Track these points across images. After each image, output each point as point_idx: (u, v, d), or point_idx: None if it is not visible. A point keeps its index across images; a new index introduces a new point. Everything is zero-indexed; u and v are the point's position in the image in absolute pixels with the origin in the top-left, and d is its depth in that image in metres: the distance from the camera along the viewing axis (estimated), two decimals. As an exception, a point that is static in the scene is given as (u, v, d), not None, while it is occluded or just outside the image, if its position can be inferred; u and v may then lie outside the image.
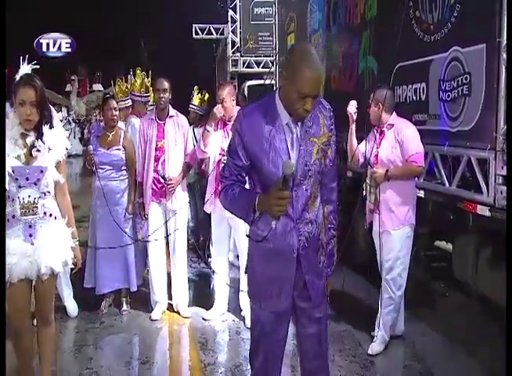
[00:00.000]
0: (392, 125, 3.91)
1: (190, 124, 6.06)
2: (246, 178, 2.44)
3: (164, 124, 4.58)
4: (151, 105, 6.30)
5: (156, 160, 4.55)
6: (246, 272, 2.54)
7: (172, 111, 4.64)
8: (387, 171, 3.86)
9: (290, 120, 2.29)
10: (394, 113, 3.98)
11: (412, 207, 3.93)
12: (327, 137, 2.37)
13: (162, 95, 4.53)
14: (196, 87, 6.58)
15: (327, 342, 2.58)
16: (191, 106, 6.55)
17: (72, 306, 4.67)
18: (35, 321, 3.31)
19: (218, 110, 4.35)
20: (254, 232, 2.39)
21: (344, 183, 5.66)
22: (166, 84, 4.56)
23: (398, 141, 3.84)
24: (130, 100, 5.81)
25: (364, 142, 4.14)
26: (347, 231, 3.89)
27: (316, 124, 2.34)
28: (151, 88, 5.77)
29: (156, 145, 4.55)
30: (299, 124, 2.30)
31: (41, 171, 3.00)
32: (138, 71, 5.76)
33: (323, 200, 2.47)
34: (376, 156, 3.97)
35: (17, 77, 3.00)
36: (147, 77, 5.81)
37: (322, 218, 2.43)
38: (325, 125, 2.36)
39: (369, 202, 4.04)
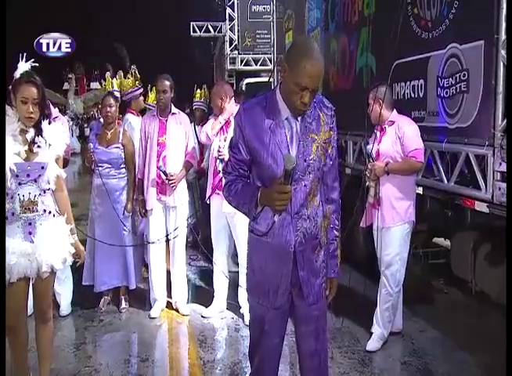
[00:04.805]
0: (393, 122, 3.92)
1: (198, 123, 6.08)
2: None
3: (166, 120, 4.59)
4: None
5: (158, 155, 4.54)
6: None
7: (174, 109, 4.65)
8: (386, 164, 3.87)
9: (290, 115, 2.29)
10: (394, 111, 3.98)
11: (413, 204, 3.94)
12: (328, 135, 2.37)
13: (162, 97, 4.52)
14: (198, 86, 6.59)
15: (326, 340, 2.58)
16: (195, 103, 6.55)
17: (66, 305, 4.67)
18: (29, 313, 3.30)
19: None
20: (254, 227, 2.39)
21: (343, 180, 5.66)
22: (166, 85, 4.53)
23: (398, 137, 3.84)
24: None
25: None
26: (347, 228, 3.89)
27: (317, 121, 2.34)
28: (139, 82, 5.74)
29: (158, 140, 4.55)
30: (299, 119, 2.30)
31: (42, 168, 3.00)
32: (121, 73, 5.72)
33: (325, 199, 2.47)
34: (377, 152, 3.98)
35: (17, 75, 2.99)
36: (125, 75, 5.75)
37: (322, 217, 2.42)
38: (326, 123, 2.36)
39: (370, 196, 4.05)
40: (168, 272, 4.82)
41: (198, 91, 6.58)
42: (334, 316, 4.27)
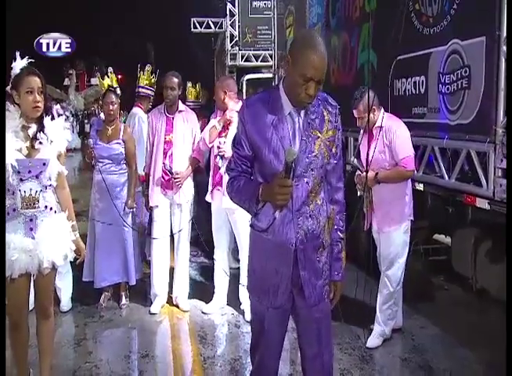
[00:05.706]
0: (381, 128, 3.83)
1: None
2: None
3: (173, 118, 4.58)
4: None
5: (164, 153, 4.54)
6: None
7: (182, 106, 4.65)
8: (376, 174, 3.83)
9: (293, 110, 2.27)
10: (382, 111, 3.91)
11: (409, 204, 3.90)
12: (332, 133, 2.34)
13: (170, 93, 4.52)
14: (190, 83, 6.58)
15: (330, 343, 2.53)
16: (187, 103, 6.53)
17: (66, 300, 4.68)
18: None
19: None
20: (254, 223, 2.38)
21: (344, 178, 5.65)
22: (174, 82, 4.53)
23: (386, 144, 3.78)
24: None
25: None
26: (348, 227, 3.87)
27: (320, 118, 2.32)
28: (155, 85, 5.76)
29: (165, 138, 4.55)
30: (302, 114, 2.29)
31: (44, 164, 2.99)
32: (148, 68, 5.74)
33: (329, 199, 2.44)
34: (366, 160, 3.89)
35: (17, 70, 2.98)
36: (154, 74, 5.78)
37: (325, 217, 2.39)
38: (330, 121, 2.34)
39: (364, 206, 4.01)
40: (170, 268, 4.82)
41: (190, 89, 6.57)
42: (333, 313, 4.27)
